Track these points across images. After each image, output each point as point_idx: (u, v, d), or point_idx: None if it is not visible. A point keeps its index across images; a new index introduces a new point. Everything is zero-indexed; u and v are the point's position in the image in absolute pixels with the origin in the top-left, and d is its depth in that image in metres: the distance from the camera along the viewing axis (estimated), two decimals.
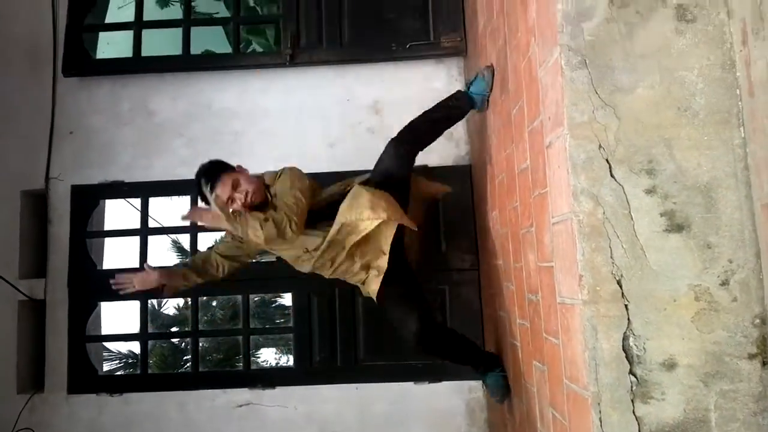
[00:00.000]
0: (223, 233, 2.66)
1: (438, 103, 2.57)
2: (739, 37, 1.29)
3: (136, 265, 3.27)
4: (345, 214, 2.21)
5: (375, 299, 2.33)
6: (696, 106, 1.31)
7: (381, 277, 2.27)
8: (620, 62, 1.33)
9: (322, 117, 3.34)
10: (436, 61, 3.34)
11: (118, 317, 4.26)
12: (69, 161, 3.34)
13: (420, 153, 3.24)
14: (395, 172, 2.38)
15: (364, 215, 2.17)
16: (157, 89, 3.40)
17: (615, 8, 1.34)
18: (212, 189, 2.24)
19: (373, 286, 2.30)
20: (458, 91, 2.61)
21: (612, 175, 1.31)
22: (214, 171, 2.31)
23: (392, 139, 2.41)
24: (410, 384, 3.07)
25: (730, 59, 1.32)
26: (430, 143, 2.51)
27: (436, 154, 3.26)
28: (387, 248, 2.24)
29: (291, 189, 2.26)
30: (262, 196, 2.33)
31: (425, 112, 2.51)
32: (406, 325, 2.23)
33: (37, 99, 3.36)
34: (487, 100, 2.43)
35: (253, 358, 7.50)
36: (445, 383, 3.12)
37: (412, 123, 2.45)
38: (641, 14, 1.34)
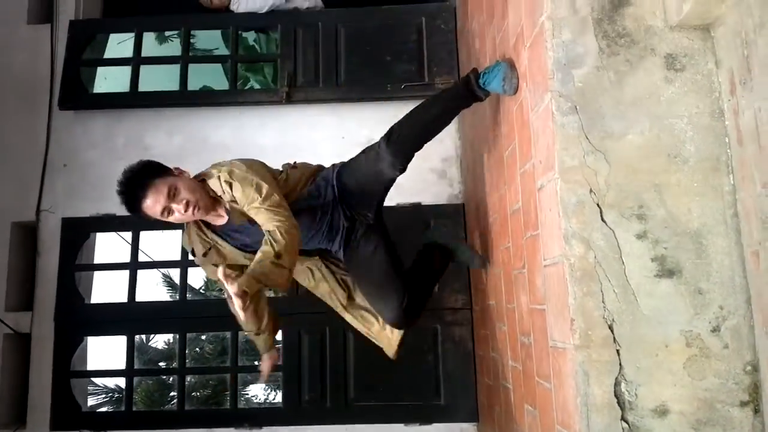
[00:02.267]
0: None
1: (439, 94, 2.31)
2: (728, 87, 1.33)
3: (125, 299, 3.24)
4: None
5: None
6: (686, 153, 1.33)
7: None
8: (610, 109, 1.36)
9: (317, 154, 3.33)
10: None
11: (105, 351, 4.19)
12: (61, 194, 3.33)
13: (412, 193, 3.29)
14: (374, 186, 2.19)
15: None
16: (153, 124, 3.42)
17: (605, 56, 1.38)
18: (143, 198, 1.84)
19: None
20: (467, 77, 2.13)
21: (603, 220, 1.32)
22: (144, 174, 1.89)
23: (385, 138, 2.14)
24: (400, 426, 3.01)
25: (718, 108, 1.35)
26: (425, 144, 2.23)
27: (429, 193, 3.30)
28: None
29: (250, 196, 1.88)
30: (210, 205, 1.94)
31: (423, 107, 2.23)
32: (388, 306, 2.15)
33: (32, 131, 3.37)
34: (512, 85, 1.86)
35: (241, 395, 7.38)
36: (436, 425, 3.06)
37: (408, 121, 2.19)
38: (631, 62, 1.38)
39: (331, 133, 3.38)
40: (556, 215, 1.37)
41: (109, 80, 4.16)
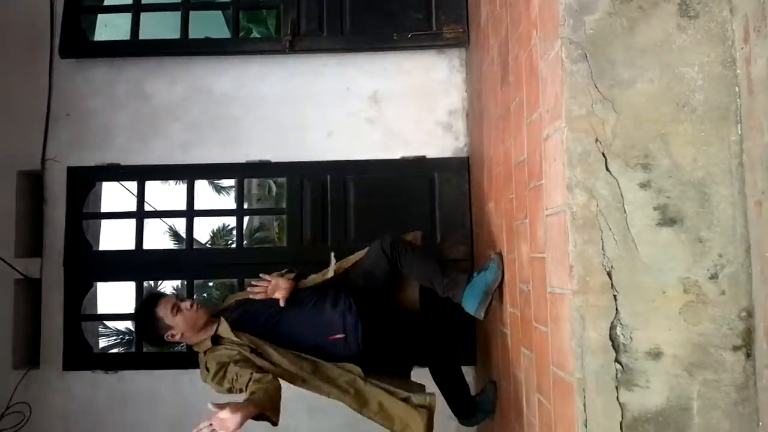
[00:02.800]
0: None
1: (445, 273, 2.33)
2: (741, 35, 1.31)
3: (132, 247, 3.29)
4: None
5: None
6: (695, 103, 1.33)
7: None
8: (621, 56, 1.35)
9: (321, 105, 3.34)
10: (437, 52, 3.34)
11: (115, 296, 4.27)
12: (65, 143, 3.33)
13: (417, 145, 3.27)
14: (375, 270, 2.32)
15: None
16: (154, 73, 3.39)
17: (617, 3, 1.36)
18: (155, 308, 2.16)
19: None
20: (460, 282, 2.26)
21: (608, 169, 1.33)
22: (154, 296, 2.27)
23: (384, 236, 2.30)
24: None
25: (731, 56, 1.33)
26: (411, 268, 2.32)
27: (435, 146, 3.28)
28: None
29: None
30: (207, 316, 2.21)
31: (434, 260, 2.34)
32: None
33: (34, 80, 3.35)
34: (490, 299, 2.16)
35: None
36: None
37: (415, 251, 2.33)
38: (644, 9, 1.36)
39: (335, 84, 3.34)
40: (561, 165, 1.38)
41: (110, 28, 4.10)
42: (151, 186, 3.42)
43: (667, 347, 1.27)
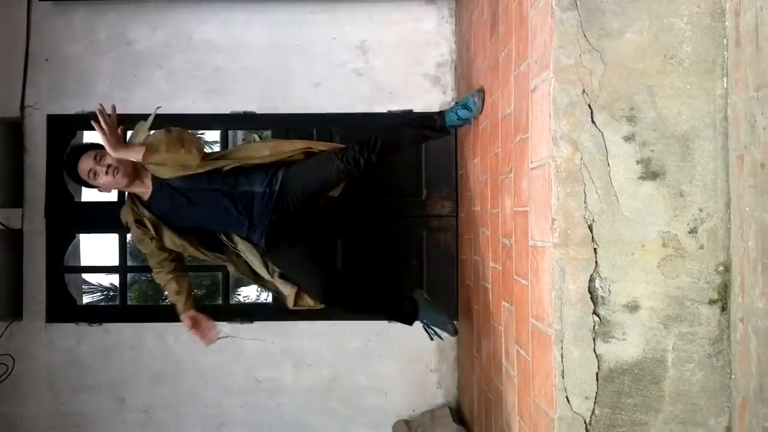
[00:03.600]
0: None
1: (415, 120, 2.55)
2: None
3: (114, 199, 3.25)
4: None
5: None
6: (682, 54, 1.30)
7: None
8: (611, 5, 1.32)
9: (307, 55, 3.26)
10: (426, 2, 3.25)
11: (97, 250, 4.25)
12: (45, 90, 3.24)
13: (405, 99, 3.23)
14: (329, 177, 2.40)
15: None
16: (135, 18, 3.27)
17: None
18: (77, 160, 2.29)
19: None
20: (438, 116, 2.54)
21: (593, 121, 1.31)
22: (80, 148, 2.39)
23: (356, 140, 2.38)
24: (384, 323, 3.13)
25: (720, 8, 1.31)
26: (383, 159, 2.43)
27: (422, 99, 3.23)
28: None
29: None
30: (130, 173, 2.31)
31: (399, 127, 2.54)
32: (312, 281, 2.42)
33: (12, 23, 3.22)
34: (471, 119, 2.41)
35: (234, 295, 7.59)
36: (416, 322, 3.18)
37: (380, 135, 2.39)
38: None
39: (322, 33, 3.26)
40: (547, 116, 1.36)
41: None
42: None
43: (645, 300, 1.28)
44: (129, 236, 2.95)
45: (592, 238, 1.29)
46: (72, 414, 3.24)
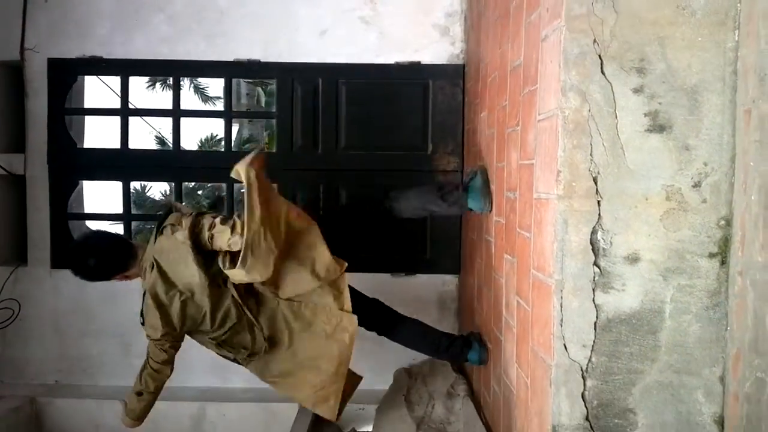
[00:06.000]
0: None
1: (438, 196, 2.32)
2: None
3: (117, 146, 3.24)
4: None
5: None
6: (695, 5, 1.28)
7: None
8: None
9: (313, 2, 3.19)
10: None
11: (102, 198, 4.27)
12: (44, 32, 3.18)
13: (412, 50, 3.17)
14: None
15: None
16: None
17: None
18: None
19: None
20: (459, 193, 2.29)
21: (603, 72, 1.30)
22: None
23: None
24: (387, 276, 3.18)
25: None
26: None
27: (430, 51, 3.18)
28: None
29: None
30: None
31: (424, 195, 2.36)
32: None
33: None
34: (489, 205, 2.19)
35: None
36: (419, 276, 3.24)
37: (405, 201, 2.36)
38: None
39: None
40: (557, 66, 1.34)
41: None
42: (136, 87, 3.33)
43: (645, 252, 1.30)
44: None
45: (597, 190, 1.30)
46: (78, 358, 3.31)
